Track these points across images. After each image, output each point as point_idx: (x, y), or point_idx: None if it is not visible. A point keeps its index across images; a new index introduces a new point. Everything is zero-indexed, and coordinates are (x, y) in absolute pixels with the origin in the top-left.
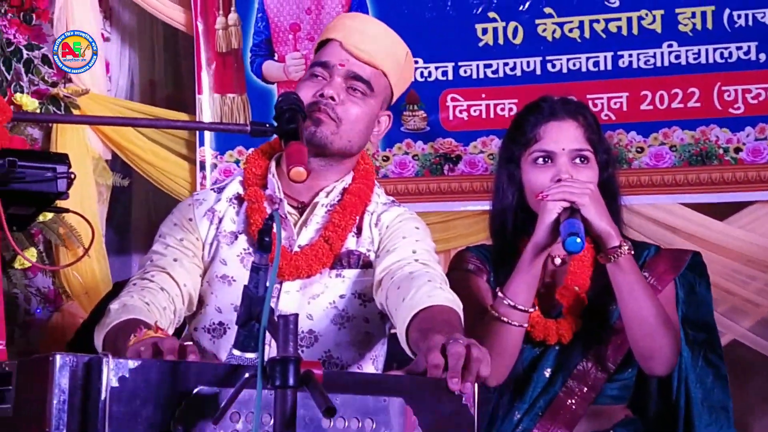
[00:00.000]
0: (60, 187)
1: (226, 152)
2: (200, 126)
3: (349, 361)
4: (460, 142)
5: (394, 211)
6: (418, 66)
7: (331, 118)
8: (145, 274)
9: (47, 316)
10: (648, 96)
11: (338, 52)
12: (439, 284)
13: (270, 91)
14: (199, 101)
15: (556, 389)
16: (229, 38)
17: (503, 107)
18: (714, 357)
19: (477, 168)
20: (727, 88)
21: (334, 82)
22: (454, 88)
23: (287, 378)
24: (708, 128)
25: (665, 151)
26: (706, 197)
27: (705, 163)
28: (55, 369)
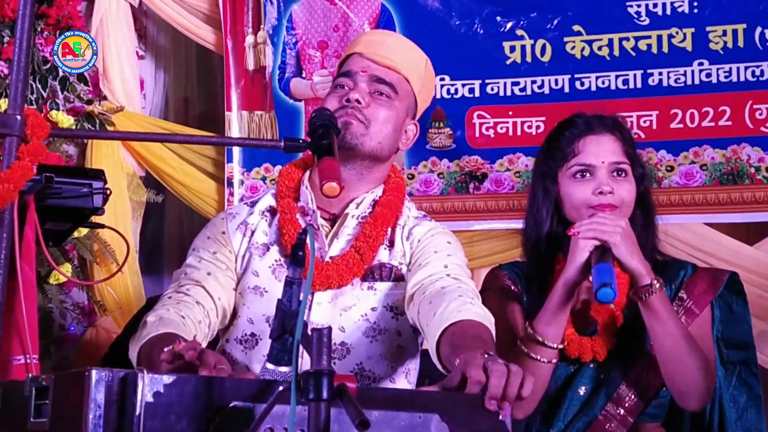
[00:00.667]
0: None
1: (252, 169)
2: (234, 142)
3: (381, 374)
4: (486, 160)
5: (426, 225)
6: (445, 83)
7: (360, 120)
8: (180, 287)
9: (81, 332)
10: (678, 114)
11: (359, 61)
12: (470, 299)
13: (297, 108)
14: (228, 118)
15: (596, 412)
16: (257, 56)
17: (530, 125)
18: (749, 376)
19: (503, 186)
20: (758, 107)
21: (359, 87)
22: (480, 105)
23: (321, 391)
24: (739, 147)
25: (695, 170)
26: (737, 217)
27: (736, 182)
28: (91, 384)
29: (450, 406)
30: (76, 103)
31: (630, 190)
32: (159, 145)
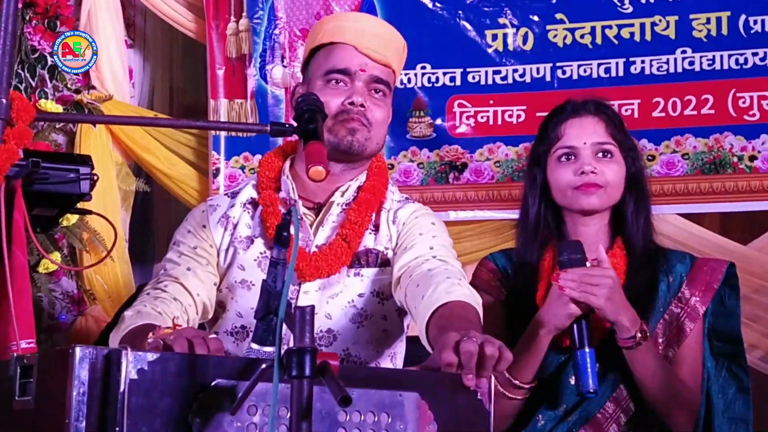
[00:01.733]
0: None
1: (231, 158)
2: (221, 126)
3: (367, 358)
4: (467, 150)
5: (410, 207)
6: (426, 71)
7: (364, 124)
8: (158, 284)
9: (71, 321)
10: (660, 103)
11: (356, 56)
12: (458, 280)
13: (278, 96)
14: (212, 106)
15: (593, 410)
16: (239, 43)
17: (511, 114)
18: (738, 369)
19: (483, 176)
20: (742, 95)
21: (358, 87)
22: (461, 94)
23: (303, 369)
24: (722, 136)
25: (677, 159)
26: (720, 207)
27: (718, 172)
28: (75, 361)
29: (431, 385)
30: (64, 92)
31: (616, 171)
32: (144, 135)
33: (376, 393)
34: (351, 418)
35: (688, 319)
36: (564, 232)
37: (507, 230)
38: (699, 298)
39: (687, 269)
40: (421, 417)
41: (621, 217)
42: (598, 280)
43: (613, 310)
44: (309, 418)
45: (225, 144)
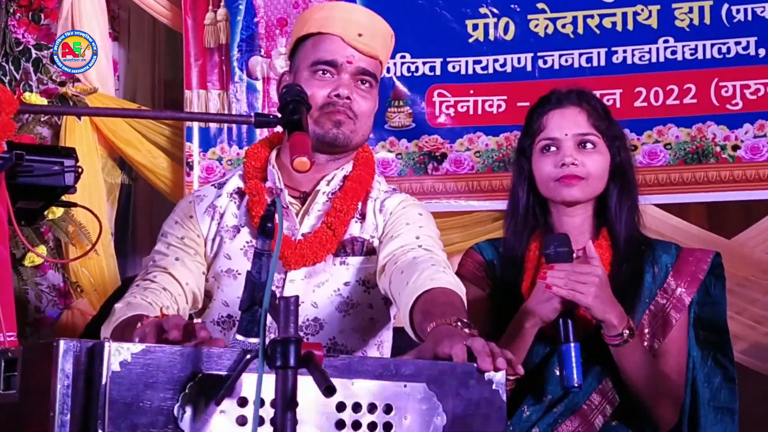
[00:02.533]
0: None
1: (208, 150)
2: (205, 117)
3: (354, 347)
4: (446, 139)
5: (397, 197)
6: (405, 61)
7: (350, 117)
8: (147, 275)
9: (58, 314)
10: (642, 92)
11: (343, 48)
12: (442, 268)
13: (255, 87)
14: (188, 97)
15: (579, 401)
16: (217, 34)
17: (492, 104)
18: (724, 359)
19: (462, 167)
20: (724, 84)
21: (344, 80)
22: (441, 83)
23: (288, 359)
24: (705, 125)
25: (659, 149)
26: (703, 197)
27: (701, 162)
28: (59, 354)
29: (438, 375)
30: (49, 84)
31: (599, 161)
32: (126, 128)
33: (380, 384)
34: (350, 410)
35: (674, 310)
36: (550, 223)
37: (488, 222)
38: (685, 288)
39: (673, 259)
40: (428, 409)
41: (605, 208)
42: (585, 278)
43: (601, 309)
44: (294, 409)
45: (201, 135)
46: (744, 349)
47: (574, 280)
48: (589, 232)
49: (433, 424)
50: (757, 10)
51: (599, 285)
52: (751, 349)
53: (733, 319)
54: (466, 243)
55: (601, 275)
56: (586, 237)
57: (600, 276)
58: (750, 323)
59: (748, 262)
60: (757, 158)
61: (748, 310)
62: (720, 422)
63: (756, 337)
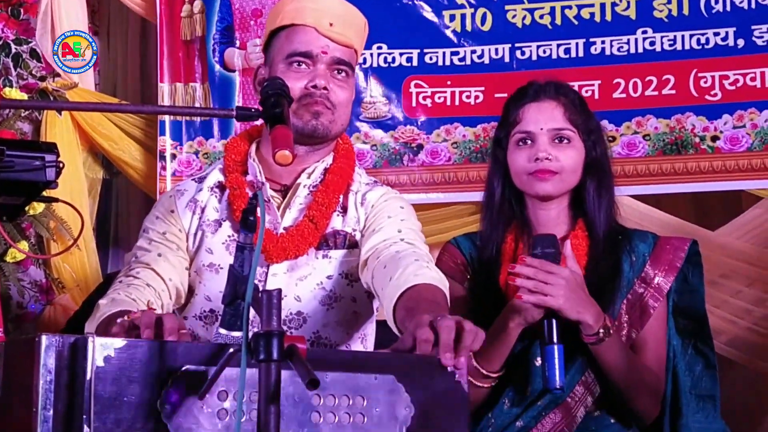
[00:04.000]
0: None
1: (185, 143)
2: (186, 111)
3: (337, 340)
4: (423, 130)
5: (379, 190)
6: (382, 51)
7: (327, 107)
8: (130, 271)
9: (40, 310)
10: (621, 83)
11: (317, 39)
12: (425, 263)
13: (231, 79)
14: (161, 90)
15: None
16: (193, 26)
17: (469, 95)
18: (704, 347)
19: (439, 158)
20: (703, 75)
21: (320, 70)
22: (418, 74)
23: (271, 352)
24: (684, 116)
25: (639, 141)
26: (681, 187)
27: (680, 153)
28: (42, 349)
29: (407, 367)
30: (29, 79)
31: (572, 157)
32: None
33: (352, 376)
34: (325, 401)
35: (652, 299)
36: (525, 215)
37: (466, 215)
38: (663, 277)
39: (650, 249)
40: (397, 400)
41: (582, 200)
42: (552, 279)
43: (574, 309)
44: (277, 402)
45: (176, 129)
46: (727, 341)
47: (542, 282)
48: (566, 224)
49: (401, 414)
50: (735, 1)
51: (568, 286)
52: (734, 340)
53: (718, 311)
54: (444, 236)
55: (569, 276)
56: (563, 228)
57: (567, 277)
58: (732, 316)
59: (732, 253)
60: (736, 149)
61: (730, 302)
62: (702, 410)
63: (736, 331)
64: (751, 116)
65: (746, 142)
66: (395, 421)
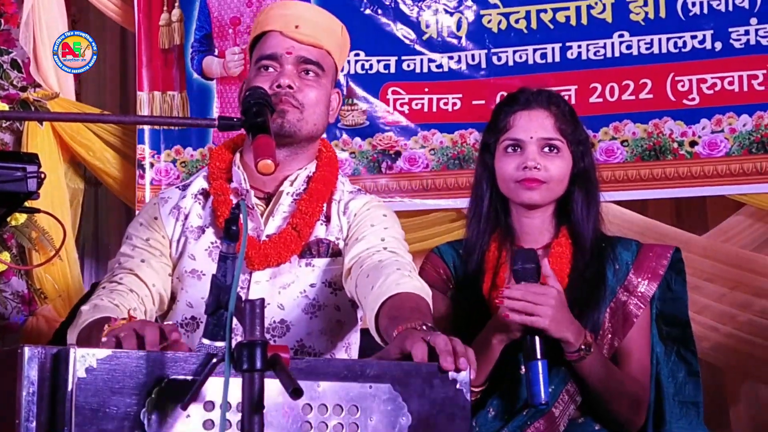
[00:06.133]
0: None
1: (163, 152)
2: (169, 121)
3: (321, 349)
4: (401, 137)
5: (362, 199)
6: (359, 59)
7: (294, 106)
8: (113, 277)
9: (23, 321)
10: (598, 88)
11: (281, 41)
12: (408, 272)
13: (209, 87)
14: (140, 99)
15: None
16: (171, 34)
17: (446, 102)
18: (687, 353)
19: (417, 164)
20: (680, 78)
21: (287, 70)
22: (395, 81)
23: (254, 362)
24: (661, 121)
25: (616, 146)
26: (661, 193)
27: (659, 158)
28: (24, 361)
29: (403, 375)
30: (10, 90)
31: (560, 167)
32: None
33: (345, 385)
34: (317, 412)
35: (635, 307)
36: (509, 223)
37: (446, 222)
38: (646, 284)
39: (633, 256)
40: (393, 410)
41: (567, 209)
42: (541, 300)
43: (558, 329)
44: (261, 412)
45: (154, 137)
46: (711, 346)
47: (531, 302)
48: (550, 232)
49: (398, 424)
50: (713, 4)
51: (555, 306)
52: (717, 345)
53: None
54: (426, 243)
55: (557, 295)
56: (547, 237)
57: (555, 296)
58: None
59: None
60: (714, 154)
61: (713, 307)
62: (685, 416)
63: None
64: (730, 120)
65: (725, 147)
66: (392, 431)
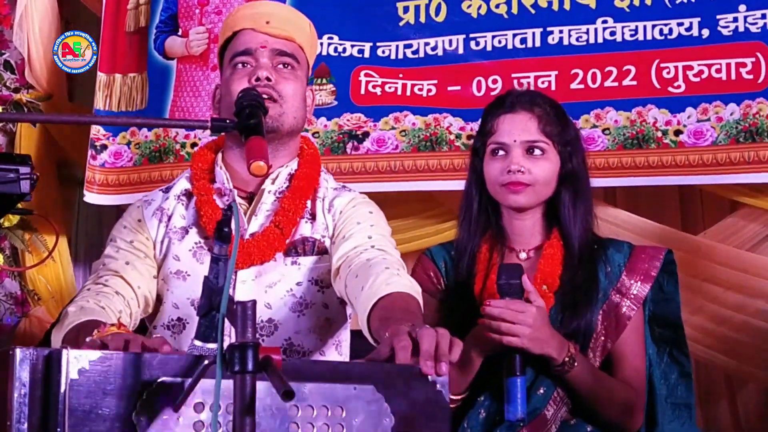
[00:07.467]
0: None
1: (119, 134)
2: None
3: (310, 347)
4: (370, 117)
5: (347, 196)
6: (333, 42)
7: (274, 99)
8: (99, 278)
9: (15, 322)
10: (579, 74)
11: (255, 36)
12: (396, 270)
13: (169, 67)
14: (101, 79)
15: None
16: (138, 17)
17: (421, 88)
18: (679, 354)
19: (385, 146)
20: (666, 65)
21: (262, 63)
22: (369, 65)
23: (246, 363)
24: (645, 109)
25: (597, 134)
26: (642, 181)
27: (641, 147)
28: (16, 363)
29: (385, 377)
30: (3, 91)
31: (545, 168)
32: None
33: (330, 387)
34: (303, 413)
35: (628, 308)
36: (501, 225)
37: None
38: (639, 286)
39: (625, 258)
40: (376, 410)
41: (556, 210)
42: (520, 318)
43: (538, 346)
44: (253, 414)
45: None
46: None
47: (509, 321)
48: (541, 234)
49: (381, 425)
50: None
51: (533, 324)
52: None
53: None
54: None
55: (535, 313)
56: (538, 238)
57: (534, 315)
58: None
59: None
60: (700, 143)
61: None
62: (678, 418)
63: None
64: (716, 109)
65: (711, 136)
66: (375, 431)
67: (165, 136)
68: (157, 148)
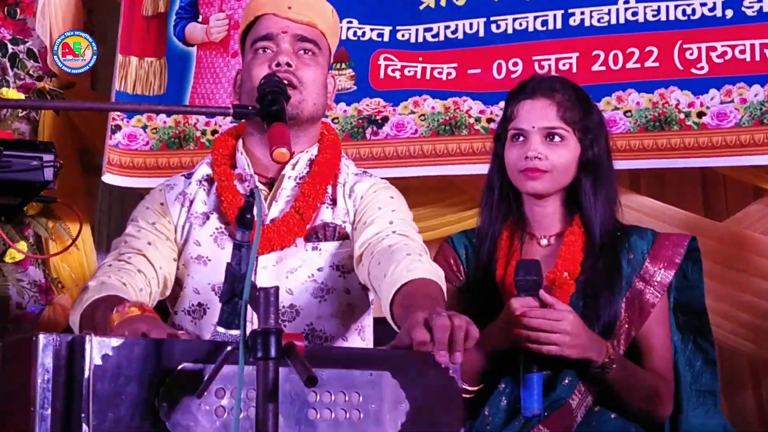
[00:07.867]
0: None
1: (133, 117)
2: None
3: (332, 332)
4: (389, 102)
5: (368, 181)
6: (352, 26)
7: (294, 85)
8: (121, 255)
9: (40, 310)
10: (601, 56)
11: (276, 21)
12: (417, 256)
13: (189, 53)
14: (120, 61)
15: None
16: (156, 2)
17: (441, 71)
18: (704, 342)
19: (404, 130)
20: (689, 46)
21: (283, 48)
22: (388, 49)
23: (269, 350)
24: (667, 91)
25: (619, 117)
26: (665, 163)
27: (663, 129)
28: (39, 349)
29: (402, 363)
30: (26, 79)
31: (564, 156)
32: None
33: (347, 373)
34: (321, 398)
35: (652, 296)
36: (522, 211)
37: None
38: (663, 273)
39: (649, 246)
40: (392, 396)
41: (577, 196)
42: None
43: (579, 353)
44: (275, 400)
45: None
46: (732, 330)
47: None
48: (561, 220)
49: (397, 410)
50: None
51: (572, 332)
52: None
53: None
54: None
55: (573, 320)
56: (559, 225)
57: (571, 321)
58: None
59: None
60: (723, 125)
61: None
62: (702, 405)
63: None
64: (740, 91)
65: (734, 117)
66: (391, 416)
67: (185, 123)
68: (176, 135)
